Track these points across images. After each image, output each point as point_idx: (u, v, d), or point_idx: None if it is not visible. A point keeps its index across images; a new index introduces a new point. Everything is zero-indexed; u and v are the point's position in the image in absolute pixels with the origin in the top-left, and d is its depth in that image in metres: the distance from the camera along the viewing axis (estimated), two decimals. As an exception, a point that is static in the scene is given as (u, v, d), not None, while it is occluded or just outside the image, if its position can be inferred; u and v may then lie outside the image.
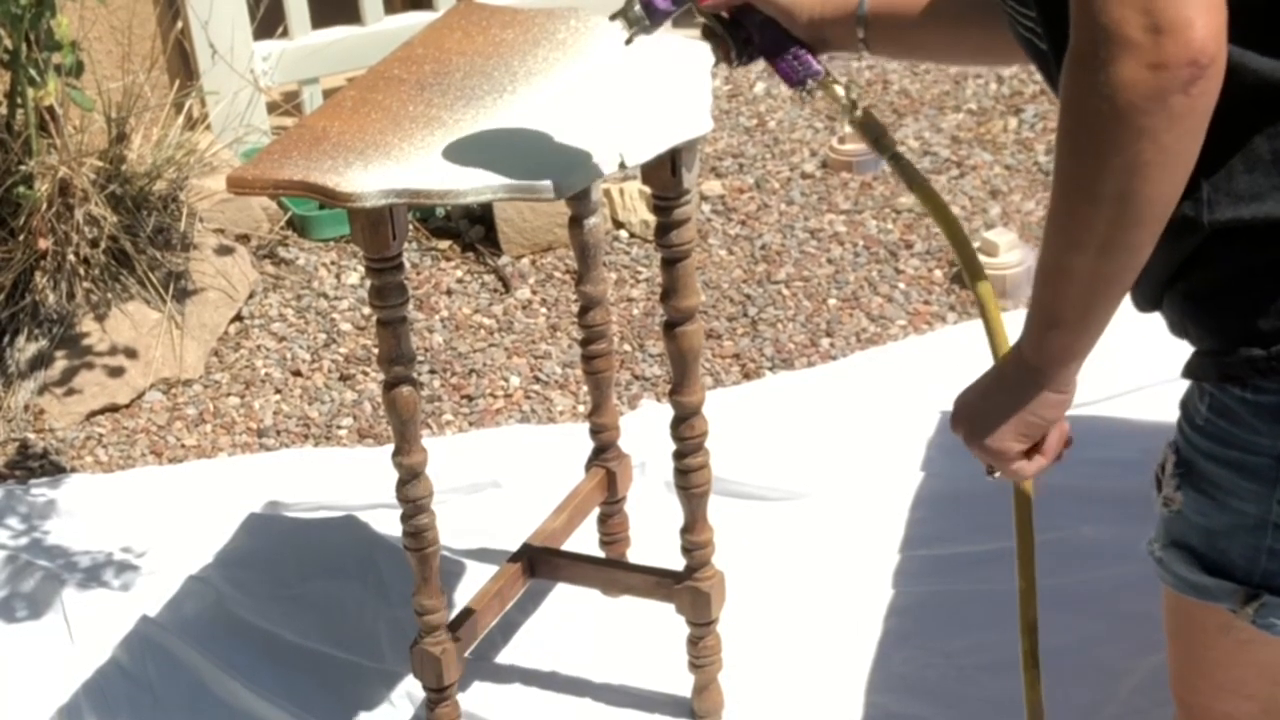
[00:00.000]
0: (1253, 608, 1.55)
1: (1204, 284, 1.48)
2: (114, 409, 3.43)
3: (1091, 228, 1.39)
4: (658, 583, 2.51)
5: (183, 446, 3.34)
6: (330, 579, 2.85)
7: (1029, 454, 1.61)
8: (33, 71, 3.37)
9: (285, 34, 4.25)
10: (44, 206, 3.43)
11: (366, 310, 3.66)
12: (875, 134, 1.79)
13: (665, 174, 2.16)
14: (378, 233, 2.06)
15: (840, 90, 1.79)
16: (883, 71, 4.54)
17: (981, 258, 3.51)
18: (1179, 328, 1.55)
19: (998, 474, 1.63)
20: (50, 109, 3.49)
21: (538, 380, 3.45)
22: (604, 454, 2.72)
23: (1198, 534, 1.57)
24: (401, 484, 2.25)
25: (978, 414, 1.60)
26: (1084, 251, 1.41)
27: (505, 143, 2.10)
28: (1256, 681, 1.67)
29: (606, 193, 3.87)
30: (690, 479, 2.38)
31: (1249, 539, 1.53)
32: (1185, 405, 1.56)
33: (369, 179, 2.00)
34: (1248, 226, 1.43)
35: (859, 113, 1.78)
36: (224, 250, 3.73)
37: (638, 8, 1.85)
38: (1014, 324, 1.57)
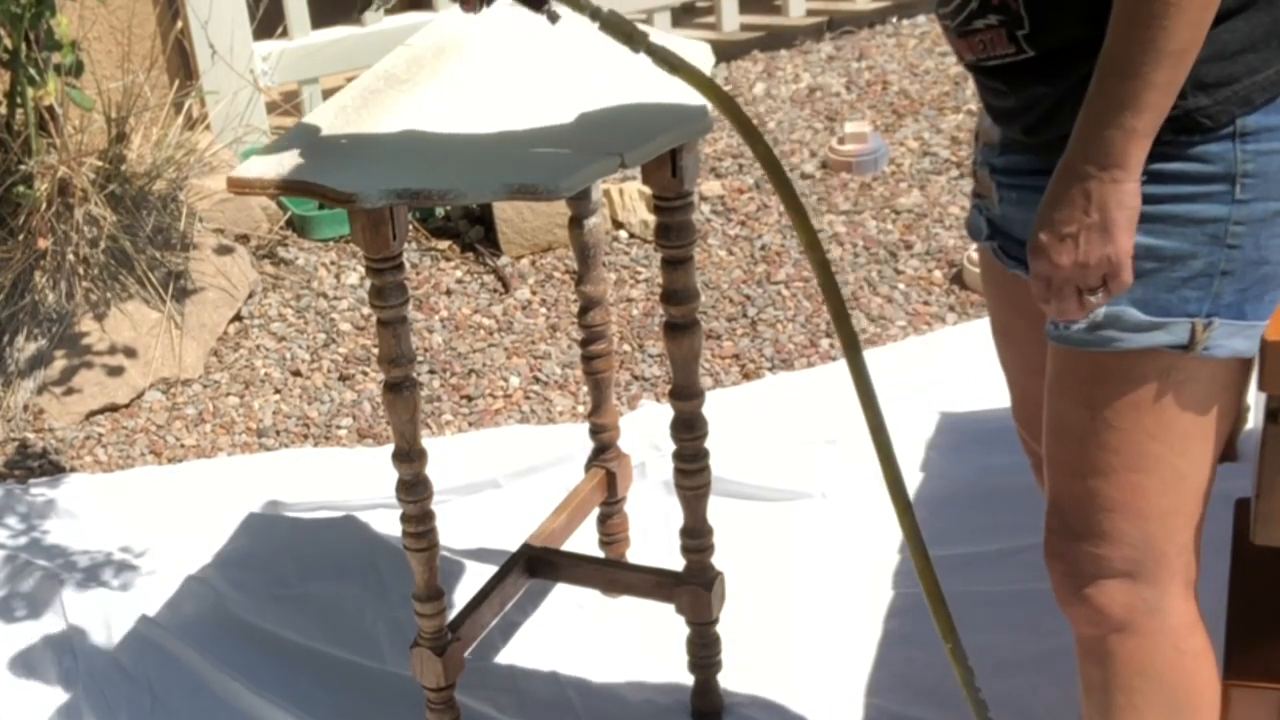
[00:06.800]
0: (1207, 335, 1.65)
1: None
2: (113, 409, 3.43)
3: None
4: (658, 583, 2.51)
5: (182, 446, 3.34)
6: (330, 579, 2.85)
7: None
8: (32, 71, 3.37)
9: (285, 34, 4.25)
10: (44, 206, 3.43)
11: (366, 310, 3.66)
12: (625, 31, 1.85)
13: (665, 174, 2.16)
14: (378, 233, 2.06)
15: None
16: (882, 72, 4.54)
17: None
18: None
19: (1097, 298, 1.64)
20: (50, 108, 3.49)
21: (537, 380, 3.44)
22: (604, 454, 2.72)
23: (1144, 283, 1.64)
24: (401, 484, 2.25)
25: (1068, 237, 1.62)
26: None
27: (506, 142, 2.10)
28: (1187, 425, 1.71)
29: (606, 193, 3.87)
30: (690, 479, 2.38)
31: (1202, 265, 1.63)
32: None
33: (369, 179, 2.00)
34: None
35: (604, 14, 1.84)
36: (223, 250, 3.73)
37: None
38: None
